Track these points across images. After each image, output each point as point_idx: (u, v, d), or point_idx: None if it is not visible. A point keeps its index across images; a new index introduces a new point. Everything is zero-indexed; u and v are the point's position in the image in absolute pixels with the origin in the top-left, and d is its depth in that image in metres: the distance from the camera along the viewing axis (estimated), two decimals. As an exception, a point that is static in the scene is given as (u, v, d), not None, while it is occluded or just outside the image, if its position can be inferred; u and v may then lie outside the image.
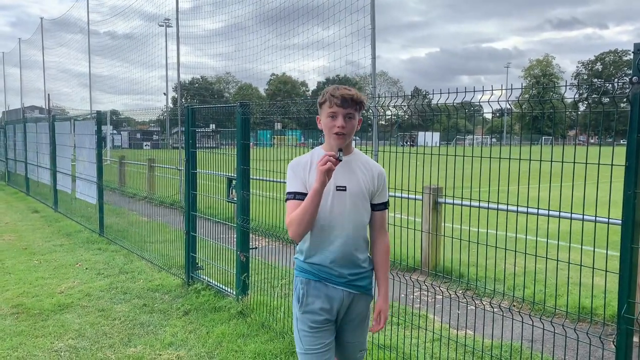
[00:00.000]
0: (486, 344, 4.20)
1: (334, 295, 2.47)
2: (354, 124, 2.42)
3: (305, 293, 2.49)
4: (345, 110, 2.37)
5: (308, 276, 2.50)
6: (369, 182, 2.49)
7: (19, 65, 36.69)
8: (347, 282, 2.48)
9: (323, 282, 2.48)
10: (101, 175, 8.80)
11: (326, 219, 2.40)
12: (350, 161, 2.47)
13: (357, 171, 2.47)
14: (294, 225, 2.33)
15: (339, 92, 2.37)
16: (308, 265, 2.50)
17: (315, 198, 2.27)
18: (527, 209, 3.22)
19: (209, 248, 5.78)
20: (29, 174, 14.47)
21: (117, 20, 19.31)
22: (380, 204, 2.56)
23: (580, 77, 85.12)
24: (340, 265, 2.45)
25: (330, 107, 2.38)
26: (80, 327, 4.67)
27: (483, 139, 6.44)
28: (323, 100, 2.43)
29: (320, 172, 2.22)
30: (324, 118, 2.43)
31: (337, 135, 2.37)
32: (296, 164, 2.49)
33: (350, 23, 7.47)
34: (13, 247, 7.96)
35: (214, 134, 6.62)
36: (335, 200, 2.40)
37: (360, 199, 2.45)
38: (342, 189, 2.41)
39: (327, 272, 2.46)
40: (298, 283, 2.54)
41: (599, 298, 4.46)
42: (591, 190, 2.67)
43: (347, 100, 2.36)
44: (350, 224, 2.43)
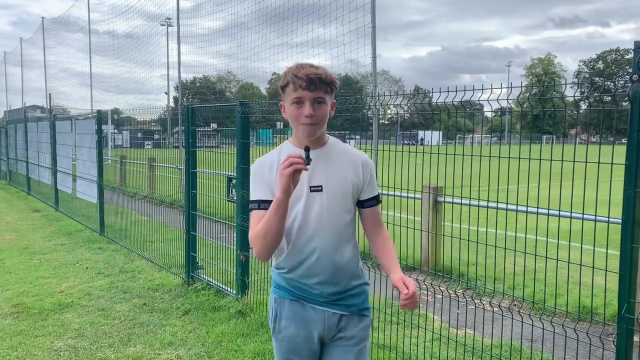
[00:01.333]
0: (486, 343, 4.19)
1: (313, 319, 2.04)
2: (326, 110, 1.97)
3: (278, 315, 2.09)
4: (314, 94, 1.92)
5: (282, 294, 2.09)
6: (352, 176, 2.05)
7: (21, 64, 36.74)
8: (332, 302, 2.05)
9: (300, 302, 2.06)
10: (102, 174, 8.80)
11: (302, 227, 1.98)
12: (326, 154, 2.03)
13: (336, 164, 2.03)
14: (258, 241, 1.91)
15: (303, 72, 1.91)
16: (283, 280, 2.08)
17: (278, 209, 1.83)
18: (527, 208, 3.21)
19: (209, 247, 5.78)
20: (30, 174, 14.48)
21: (117, 20, 19.35)
22: (370, 199, 2.12)
23: (582, 76, 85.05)
24: (322, 281, 2.02)
25: (294, 91, 1.93)
26: (80, 327, 4.67)
27: (484, 137, 6.45)
28: (285, 83, 1.97)
29: (282, 176, 1.79)
30: (288, 105, 1.98)
31: (306, 126, 1.94)
32: (259, 165, 2.06)
33: (349, 21, 7.46)
34: (14, 247, 7.97)
35: (214, 133, 6.61)
36: (310, 203, 1.98)
37: (342, 198, 2.03)
38: (318, 189, 1.98)
39: (305, 289, 2.04)
40: (272, 302, 2.14)
41: (599, 297, 4.45)
42: (591, 189, 2.66)
43: (314, 81, 1.91)
44: (331, 231, 2.00)
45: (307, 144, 1.92)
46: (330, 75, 1.95)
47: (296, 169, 1.77)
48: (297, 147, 2.00)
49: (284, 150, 2.04)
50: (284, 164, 1.79)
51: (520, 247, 3.19)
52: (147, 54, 16.89)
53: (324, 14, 7.98)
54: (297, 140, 2.03)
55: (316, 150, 1.98)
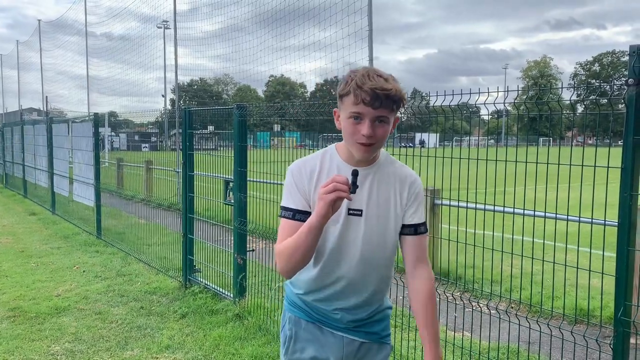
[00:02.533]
0: (484, 346, 4.20)
1: (331, 344, 1.88)
2: (387, 130, 1.70)
3: (294, 336, 1.92)
4: (377, 112, 1.64)
5: (299, 314, 1.92)
6: (398, 200, 1.81)
7: (17, 67, 36.68)
8: (352, 329, 1.89)
9: (317, 324, 1.90)
10: (99, 177, 8.78)
11: (332, 252, 1.79)
12: (373, 173, 1.79)
13: (382, 187, 1.80)
14: (283, 259, 1.71)
15: (369, 85, 1.61)
16: (301, 301, 1.92)
17: (310, 233, 1.63)
18: (524, 210, 3.22)
19: (206, 250, 5.77)
20: (26, 177, 14.45)
21: (114, 22, 19.34)
22: (412, 225, 1.84)
23: (578, 78, 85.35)
24: (343, 308, 1.86)
25: (355, 105, 1.65)
26: (77, 330, 4.65)
27: (480, 140, 6.43)
28: (346, 92, 1.68)
29: (322, 201, 1.55)
30: (344, 116, 1.70)
31: (361, 146, 1.69)
32: (298, 170, 1.80)
33: (348, 25, 7.47)
34: (10, 250, 7.94)
35: (211, 136, 6.61)
36: (346, 228, 1.77)
37: (383, 226, 1.80)
38: (357, 214, 1.77)
39: (325, 313, 1.88)
40: (286, 321, 1.97)
41: (595, 300, 4.46)
42: (588, 191, 2.67)
43: (379, 97, 1.61)
44: (364, 261, 1.80)
45: (356, 165, 1.72)
46: (400, 91, 1.66)
47: (339, 196, 1.53)
48: (345, 161, 1.78)
49: (327, 158, 1.80)
50: (326, 187, 1.55)
51: (517, 249, 3.20)
52: (143, 56, 16.89)
53: (323, 18, 7.99)
54: (347, 153, 1.78)
55: (363, 169, 1.75)
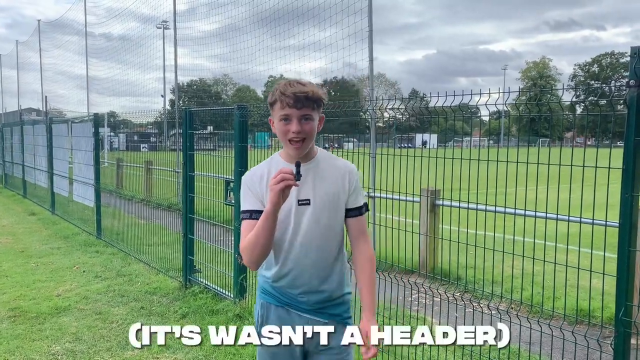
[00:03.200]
0: (484, 346, 4.20)
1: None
2: (313, 126, 2.01)
3: (265, 320, 2.13)
4: (300, 112, 1.96)
5: (269, 299, 2.14)
6: (340, 188, 2.09)
7: (17, 67, 36.65)
8: (316, 310, 2.10)
9: (285, 308, 2.11)
10: (98, 177, 8.78)
11: (290, 240, 2.05)
12: (314, 167, 2.07)
13: (324, 178, 2.07)
14: (248, 251, 1.97)
15: (290, 90, 1.95)
16: (269, 287, 2.14)
17: (267, 222, 1.90)
18: (525, 211, 3.23)
19: (206, 251, 5.78)
20: (26, 177, 14.44)
21: (113, 23, 19.32)
22: (354, 209, 2.13)
23: (577, 79, 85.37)
24: (307, 291, 2.08)
25: (282, 109, 1.97)
26: (77, 330, 4.65)
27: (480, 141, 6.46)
28: (273, 100, 2.01)
29: (272, 191, 1.84)
30: (276, 121, 2.02)
31: (294, 142, 1.99)
32: (250, 177, 2.11)
33: (348, 25, 7.48)
34: (10, 250, 7.94)
35: (211, 136, 6.62)
36: (298, 217, 2.03)
37: (330, 212, 2.07)
38: (306, 203, 2.03)
39: (292, 297, 2.10)
40: (258, 307, 2.18)
41: (596, 300, 4.47)
42: (588, 192, 2.67)
43: (300, 99, 1.95)
44: (318, 244, 2.06)
45: (297, 159, 1.97)
46: (317, 92, 1.99)
47: (287, 184, 1.83)
48: (287, 162, 2.06)
49: (274, 164, 2.08)
50: (274, 178, 1.84)
51: (517, 250, 3.21)
52: (142, 56, 16.86)
53: (322, 19, 7.99)
54: (287, 155, 2.08)
55: (304, 164, 2.02)
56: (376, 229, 7.11)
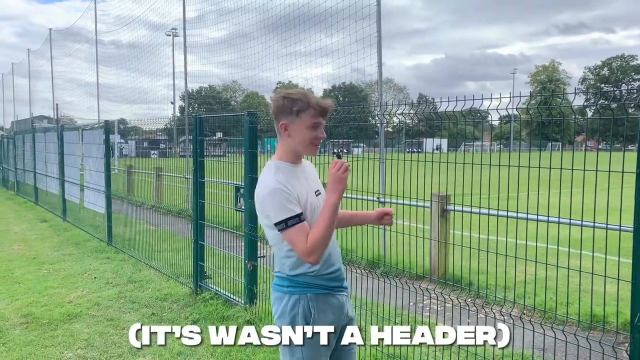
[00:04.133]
0: (497, 352, 4.16)
1: (340, 303, 2.36)
2: None
3: (316, 310, 2.29)
4: (324, 121, 2.33)
5: (317, 291, 2.31)
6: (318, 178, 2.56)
7: (28, 75, 37.06)
8: (343, 287, 2.41)
9: (330, 293, 2.35)
10: (109, 184, 8.84)
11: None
12: (306, 166, 2.45)
13: (313, 173, 2.49)
14: (320, 247, 2.17)
15: (322, 103, 2.28)
16: (318, 279, 2.31)
17: (336, 210, 2.19)
18: (537, 216, 3.20)
19: (217, 257, 5.78)
20: (37, 184, 14.57)
21: (122, 30, 19.49)
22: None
23: (587, 83, 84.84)
24: (339, 268, 2.40)
25: (315, 117, 2.26)
26: (89, 337, 4.67)
27: (490, 145, 6.45)
28: (304, 108, 2.25)
29: (343, 180, 2.18)
30: (302, 127, 2.26)
31: (316, 147, 2.32)
32: (284, 185, 2.23)
33: (356, 31, 7.49)
34: (22, 257, 8.00)
35: (221, 143, 6.64)
36: (320, 205, 2.33)
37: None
38: (319, 193, 2.38)
39: (336, 279, 2.36)
40: (305, 301, 2.30)
41: (610, 306, 4.42)
42: (602, 196, 2.65)
43: (327, 111, 2.31)
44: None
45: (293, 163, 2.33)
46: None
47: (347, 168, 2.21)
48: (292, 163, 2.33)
49: (281, 170, 2.28)
50: (339, 170, 2.19)
51: (530, 255, 3.18)
52: (152, 64, 17.00)
53: (330, 24, 8.01)
54: (291, 157, 2.33)
55: (300, 166, 2.36)
56: (387, 234, 7.08)
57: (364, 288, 4.00)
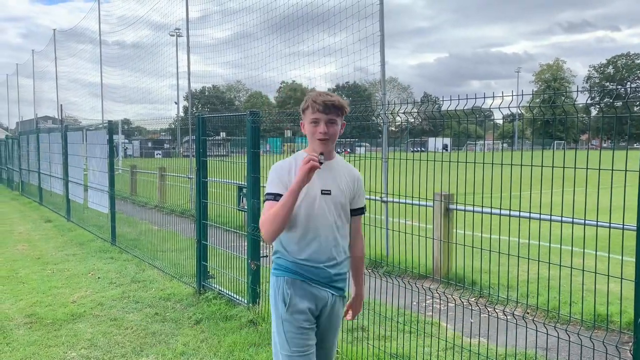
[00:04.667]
0: (500, 352, 4.15)
1: (319, 296, 2.50)
2: (337, 130, 2.49)
3: (292, 293, 2.49)
4: (327, 117, 2.44)
5: (294, 276, 2.50)
6: (350, 187, 2.57)
7: (33, 76, 37.19)
8: (331, 283, 2.51)
9: (307, 282, 2.49)
10: (113, 184, 8.86)
11: (311, 220, 2.45)
12: (334, 166, 2.54)
13: (341, 176, 2.54)
14: (267, 223, 2.37)
15: (321, 99, 2.43)
16: (293, 264, 2.50)
17: (290, 197, 2.31)
18: (540, 215, 3.19)
19: (220, 256, 5.79)
20: (42, 184, 14.62)
21: (126, 31, 19.53)
22: (358, 208, 2.64)
23: (592, 81, 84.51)
24: (329, 266, 2.49)
25: (313, 114, 2.45)
26: (92, 337, 4.68)
27: (493, 144, 6.41)
28: (306, 107, 2.49)
29: (302, 171, 2.29)
30: (307, 124, 2.50)
31: (321, 141, 2.45)
32: (279, 167, 2.53)
33: (359, 30, 7.48)
34: (26, 257, 8.03)
35: (224, 143, 6.64)
36: (321, 202, 2.46)
37: (342, 204, 2.52)
38: (328, 193, 2.48)
39: (314, 271, 2.48)
40: (282, 283, 2.51)
41: (614, 305, 4.40)
42: (604, 195, 2.63)
43: (328, 106, 2.43)
44: (333, 227, 2.49)
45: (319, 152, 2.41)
46: (341, 102, 2.47)
47: (313, 165, 2.27)
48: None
49: (299, 157, 2.46)
50: (304, 161, 2.29)
51: (533, 254, 3.17)
52: (155, 64, 17.02)
53: (332, 24, 8.01)
54: (312, 151, 2.48)
55: (328, 162, 2.47)
56: (389, 234, 7.08)
57: (366, 287, 3.99)
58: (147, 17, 17.00)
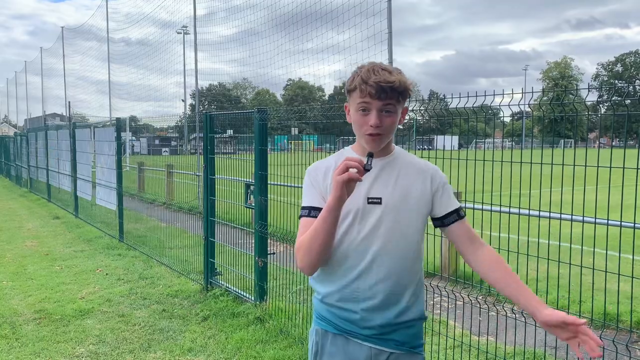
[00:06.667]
0: (508, 350, 4.13)
1: (357, 355, 1.80)
2: (395, 120, 1.76)
3: (320, 350, 1.86)
4: (382, 103, 1.71)
5: (326, 327, 1.85)
6: (419, 190, 1.82)
7: (41, 73, 37.41)
8: (378, 336, 1.79)
9: (344, 335, 1.82)
10: (121, 181, 8.89)
11: (353, 243, 1.76)
12: (390, 164, 1.82)
13: (400, 177, 1.81)
14: (302, 252, 1.72)
15: (374, 79, 1.70)
16: (325, 309, 1.85)
17: (328, 217, 1.64)
18: (550, 213, 3.17)
19: (227, 253, 5.80)
20: (50, 181, 14.70)
21: (133, 29, 19.61)
22: (450, 213, 1.86)
23: (600, 79, 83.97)
24: (370, 307, 1.77)
25: (362, 97, 1.73)
26: (100, 333, 4.71)
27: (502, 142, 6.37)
28: (352, 87, 1.77)
29: (336, 183, 1.58)
30: (353, 110, 1.79)
31: (371, 137, 1.74)
32: (314, 170, 1.87)
33: (367, 27, 7.45)
34: (35, 253, 8.08)
35: (231, 140, 6.65)
36: (366, 218, 1.75)
37: (405, 215, 1.78)
38: (376, 202, 1.76)
39: (350, 319, 1.80)
40: (313, 333, 1.91)
41: (624, 304, 4.37)
42: (615, 194, 2.61)
43: (385, 89, 1.69)
44: (389, 250, 1.76)
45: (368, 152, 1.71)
46: (404, 83, 1.74)
47: (351, 176, 1.56)
48: (360, 155, 1.79)
49: (342, 157, 1.72)
50: (338, 168, 1.59)
51: (542, 253, 3.15)
52: (163, 61, 17.09)
53: (340, 22, 7.99)
54: (360, 148, 1.84)
55: (379, 160, 1.79)
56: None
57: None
58: (154, 14, 17.06)
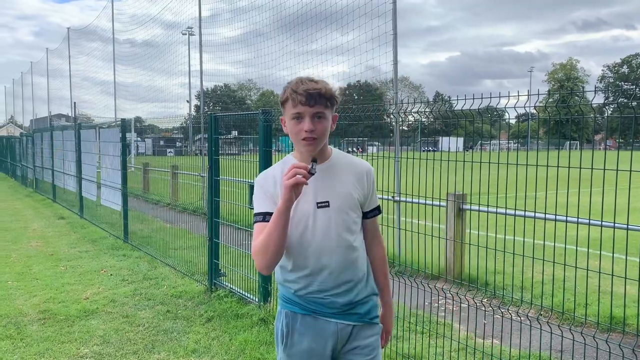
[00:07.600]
0: (513, 354, 4.11)
1: (326, 331, 2.02)
2: (326, 125, 1.94)
3: (290, 330, 2.05)
4: (313, 109, 1.89)
5: (294, 308, 2.04)
6: (358, 188, 2.03)
7: (47, 74, 37.58)
8: (342, 312, 2.02)
9: (312, 315, 2.02)
10: (125, 182, 8.91)
11: (311, 243, 1.96)
12: (330, 168, 2.00)
13: (342, 178, 2.01)
14: (260, 254, 1.89)
15: (302, 87, 1.88)
16: (294, 295, 2.04)
17: (279, 220, 1.82)
18: (555, 216, 3.15)
19: (231, 254, 5.80)
20: (55, 181, 14.75)
21: (138, 30, 19.67)
22: (372, 210, 2.12)
23: (606, 81, 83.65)
24: (336, 296, 2.00)
25: (294, 107, 1.90)
26: (105, 333, 4.71)
27: (508, 144, 6.34)
28: (284, 99, 1.94)
29: (285, 187, 1.78)
30: (288, 120, 1.95)
31: (306, 141, 1.91)
32: (263, 178, 2.05)
33: (371, 29, 7.45)
34: (40, 253, 8.10)
35: (236, 141, 6.65)
36: (318, 220, 1.95)
37: (348, 213, 2.00)
38: (325, 205, 1.96)
39: (317, 301, 2.01)
40: (282, 317, 2.08)
41: (631, 308, 4.34)
42: (622, 196, 2.59)
43: (313, 96, 1.87)
44: (341, 246, 1.98)
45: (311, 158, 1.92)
46: (329, 90, 1.92)
47: (298, 180, 1.76)
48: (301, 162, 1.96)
49: (287, 164, 1.94)
50: (287, 174, 1.78)
51: (547, 256, 3.13)
52: (167, 63, 17.14)
53: (345, 23, 7.99)
54: (300, 155, 2.00)
55: (321, 165, 1.96)
56: (401, 233, 7.03)
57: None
58: (159, 15, 17.11)
